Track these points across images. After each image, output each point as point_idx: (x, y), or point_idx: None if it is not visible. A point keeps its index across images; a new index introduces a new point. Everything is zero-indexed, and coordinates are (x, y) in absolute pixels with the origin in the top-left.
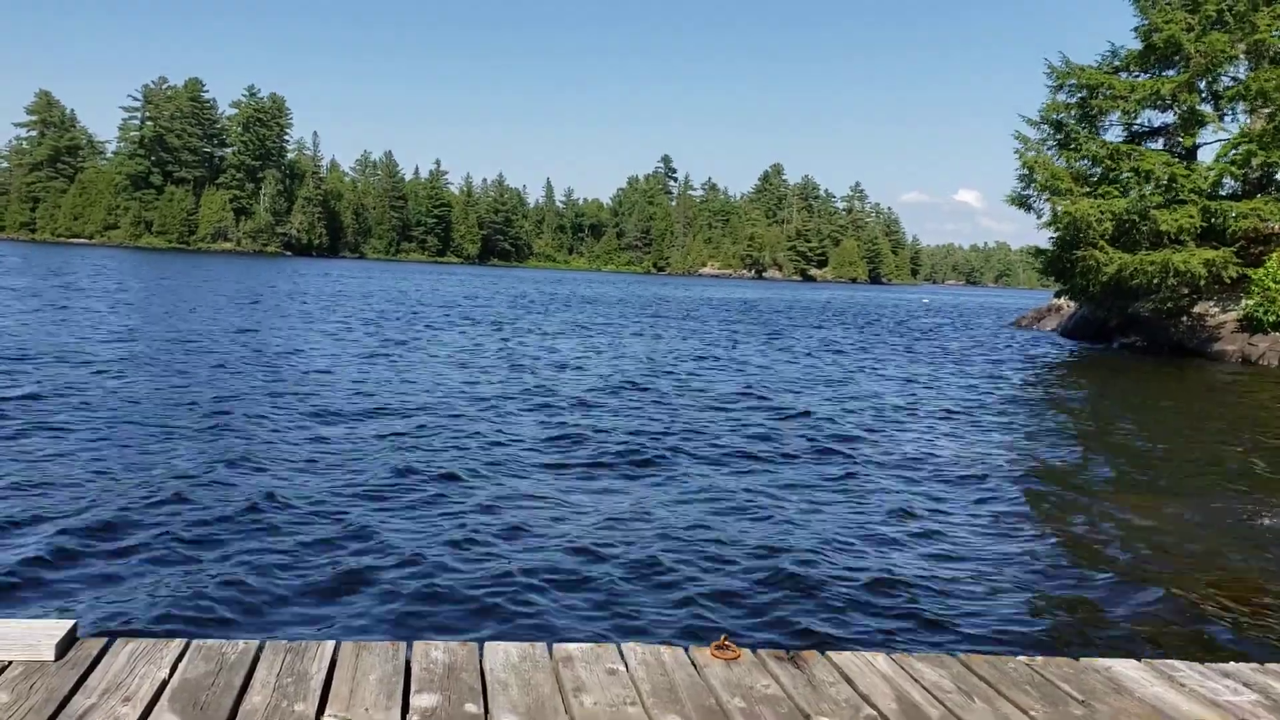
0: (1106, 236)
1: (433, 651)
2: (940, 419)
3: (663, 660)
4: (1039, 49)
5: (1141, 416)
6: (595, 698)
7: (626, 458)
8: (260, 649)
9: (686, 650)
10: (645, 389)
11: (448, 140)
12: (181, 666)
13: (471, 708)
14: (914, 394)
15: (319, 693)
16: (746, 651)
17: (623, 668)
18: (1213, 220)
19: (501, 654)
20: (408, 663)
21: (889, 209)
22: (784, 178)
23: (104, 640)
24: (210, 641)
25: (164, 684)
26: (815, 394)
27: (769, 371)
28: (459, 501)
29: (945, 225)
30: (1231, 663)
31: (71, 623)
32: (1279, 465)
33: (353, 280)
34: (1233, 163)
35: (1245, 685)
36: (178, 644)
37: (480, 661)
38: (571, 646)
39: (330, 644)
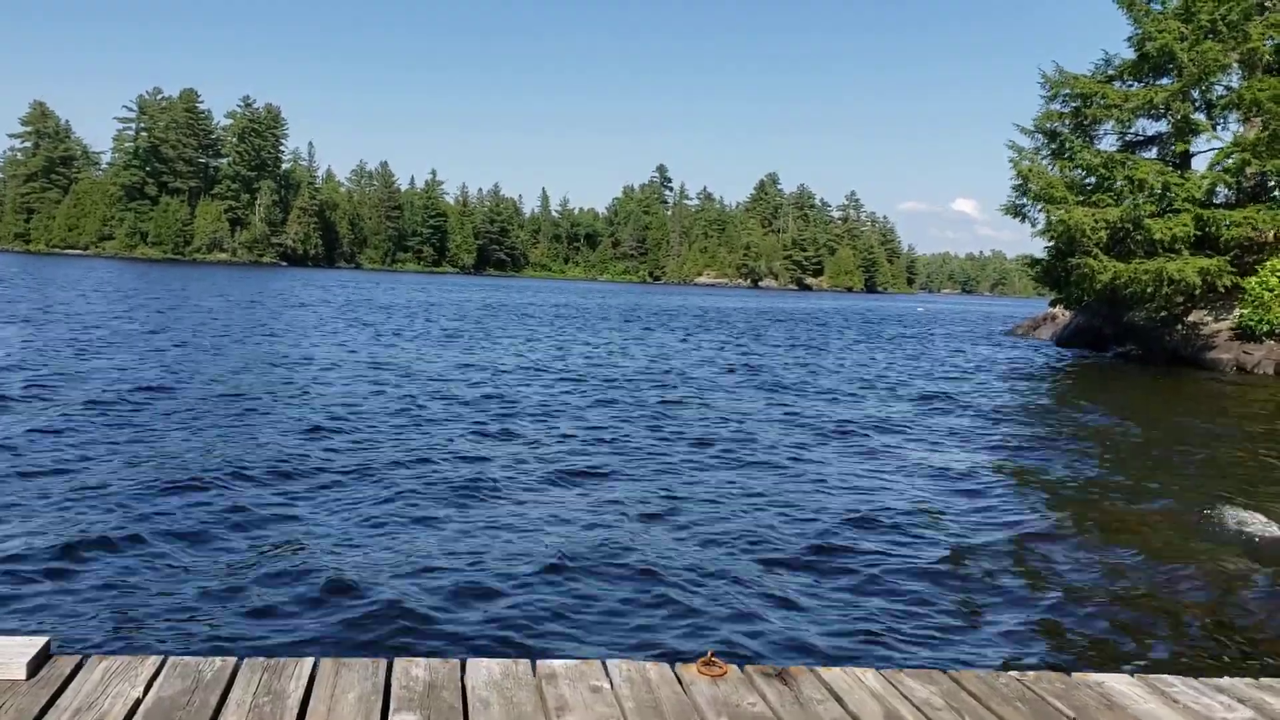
0: (1101, 245)
1: (413, 669)
2: (932, 428)
3: (648, 677)
4: (1037, 58)
5: (1135, 426)
6: (578, 716)
7: (626, 463)
8: (237, 666)
9: (673, 667)
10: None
11: (443, 150)
12: (156, 685)
13: None
14: (906, 401)
15: (296, 711)
16: (733, 668)
17: (607, 685)
18: (1206, 229)
19: (484, 671)
20: (387, 680)
21: (885, 218)
22: (779, 187)
23: (78, 658)
24: (187, 659)
25: (137, 703)
26: (810, 400)
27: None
28: (454, 517)
29: (944, 234)
30: (1226, 677)
31: (44, 640)
32: (1272, 476)
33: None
34: (1226, 171)
35: (1240, 701)
36: (153, 661)
37: (462, 679)
38: (556, 663)
39: (309, 661)
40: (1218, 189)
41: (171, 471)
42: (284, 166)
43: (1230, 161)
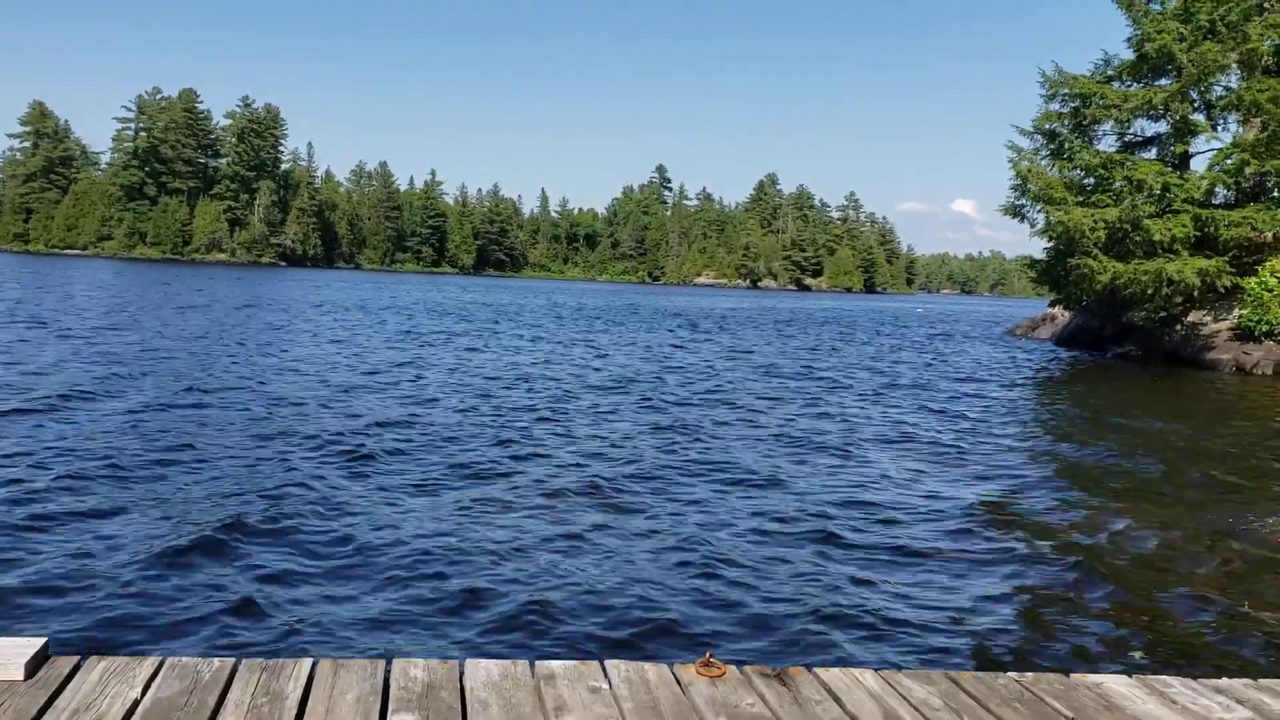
0: (1100, 245)
1: (412, 670)
2: (928, 428)
3: (646, 678)
4: (1037, 58)
5: (1134, 426)
6: (577, 717)
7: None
8: (235, 667)
9: (671, 667)
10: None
11: (443, 150)
12: (154, 686)
13: None
14: (903, 402)
15: (294, 712)
16: (732, 669)
17: (605, 686)
18: (1205, 229)
19: (483, 672)
20: (386, 681)
21: (884, 218)
22: (779, 187)
23: (76, 658)
24: (185, 659)
25: (135, 704)
26: (810, 399)
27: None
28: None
29: (944, 234)
30: (1224, 678)
31: (43, 641)
32: (1272, 476)
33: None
34: (1225, 171)
35: (1238, 702)
36: (151, 662)
37: (460, 679)
38: (554, 664)
39: (307, 662)
40: (1217, 189)
41: (178, 472)
42: (283, 167)
43: (1229, 162)
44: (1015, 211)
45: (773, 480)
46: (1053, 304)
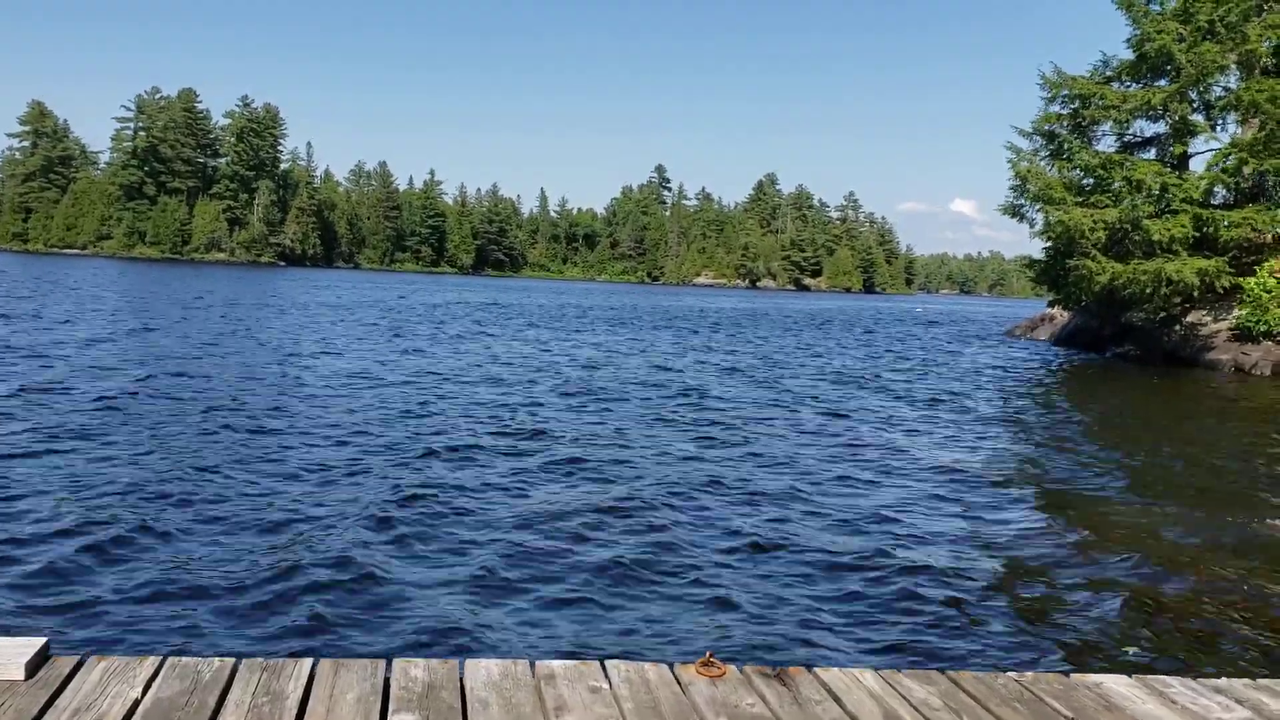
0: (1099, 246)
1: (412, 669)
2: (930, 429)
3: (647, 678)
4: (1037, 58)
5: (1133, 426)
6: (577, 716)
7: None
8: (236, 667)
9: (671, 667)
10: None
11: (442, 150)
12: (155, 685)
13: None
14: (903, 403)
15: (294, 712)
16: (732, 668)
17: (606, 686)
18: (1205, 229)
19: (483, 671)
20: (386, 681)
21: (883, 218)
22: (778, 187)
23: (77, 658)
24: (185, 659)
25: (136, 704)
26: (809, 399)
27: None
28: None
29: (943, 234)
30: (1224, 678)
31: (43, 640)
32: (1272, 476)
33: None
34: (1224, 171)
35: (1237, 702)
36: (152, 662)
37: (461, 679)
38: (555, 664)
39: (308, 662)
40: (1216, 190)
41: (179, 472)
42: (282, 166)
43: (1228, 162)
44: (1014, 212)
45: (768, 478)
46: (1052, 304)
